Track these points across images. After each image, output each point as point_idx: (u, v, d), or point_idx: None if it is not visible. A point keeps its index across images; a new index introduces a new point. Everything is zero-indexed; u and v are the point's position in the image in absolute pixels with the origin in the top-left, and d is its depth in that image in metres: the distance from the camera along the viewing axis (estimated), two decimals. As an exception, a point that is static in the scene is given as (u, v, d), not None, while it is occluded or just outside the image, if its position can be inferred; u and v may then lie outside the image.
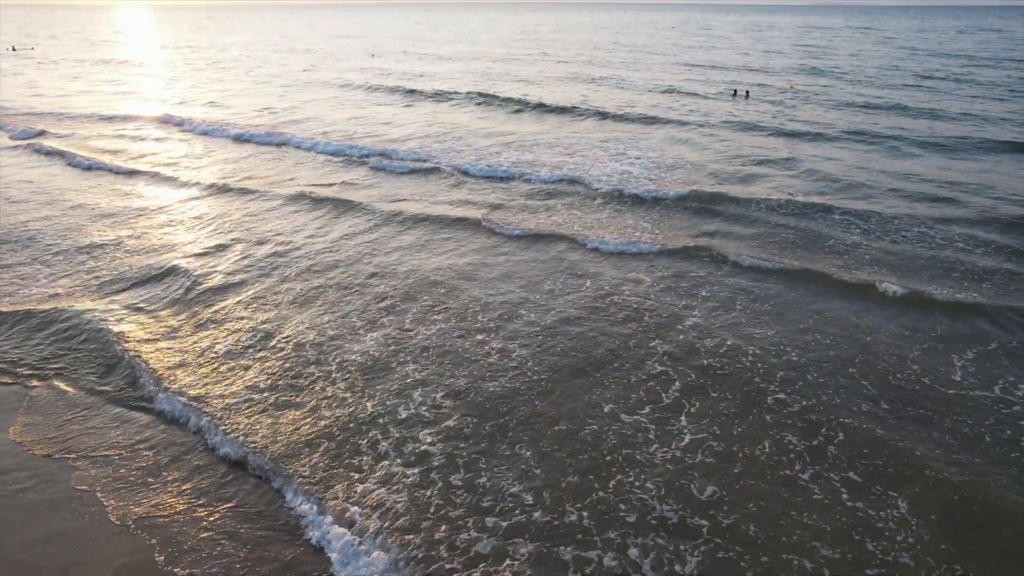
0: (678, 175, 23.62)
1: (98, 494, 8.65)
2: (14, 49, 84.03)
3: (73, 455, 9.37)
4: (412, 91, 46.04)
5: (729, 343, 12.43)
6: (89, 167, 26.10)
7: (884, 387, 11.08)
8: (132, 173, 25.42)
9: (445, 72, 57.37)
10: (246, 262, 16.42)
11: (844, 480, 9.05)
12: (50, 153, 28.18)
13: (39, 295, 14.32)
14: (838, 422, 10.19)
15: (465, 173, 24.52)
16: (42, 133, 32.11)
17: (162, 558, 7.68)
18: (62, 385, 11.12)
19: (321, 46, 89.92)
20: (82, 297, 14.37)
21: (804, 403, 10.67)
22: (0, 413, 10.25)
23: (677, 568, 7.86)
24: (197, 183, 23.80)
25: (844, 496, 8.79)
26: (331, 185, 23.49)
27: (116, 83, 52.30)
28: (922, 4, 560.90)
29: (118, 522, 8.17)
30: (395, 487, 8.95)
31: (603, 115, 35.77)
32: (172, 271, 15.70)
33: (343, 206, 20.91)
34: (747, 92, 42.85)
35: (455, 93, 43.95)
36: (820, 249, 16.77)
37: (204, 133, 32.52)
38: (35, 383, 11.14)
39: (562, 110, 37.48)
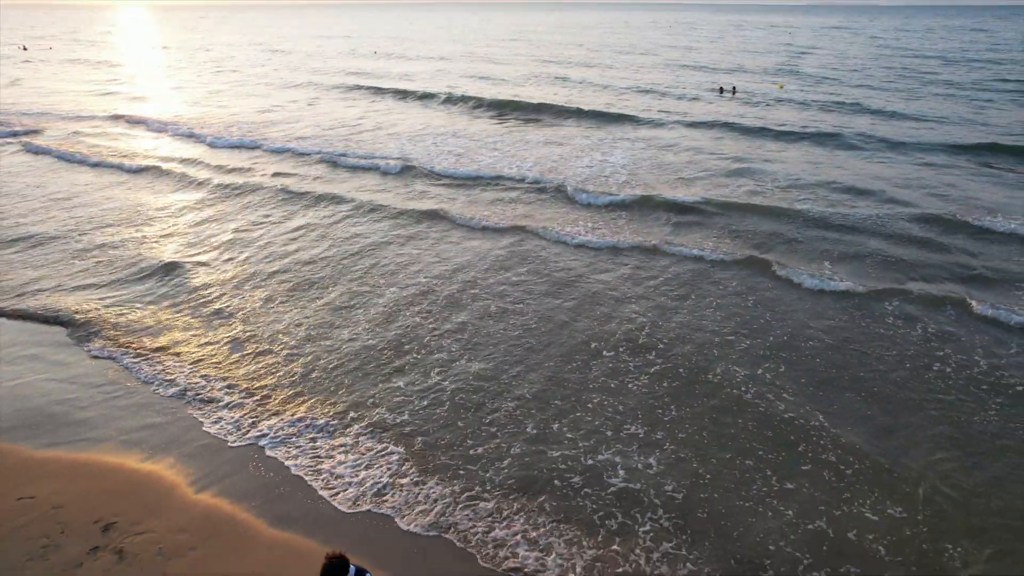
0: (650, 174, 24.54)
1: (172, 399, 10.63)
2: (24, 48, 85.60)
3: (135, 381, 11.32)
4: (395, 91, 46.74)
5: (692, 302, 14.54)
6: (67, 161, 27.52)
7: (811, 336, 13.11)
8: (115, 169, 26.54)
9: (431, 72, 58.23)
10: (223, 249, 17.69)
11: (779, 398, 11.03)
12: (34, 151, 29.41)
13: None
14: (780, 356, 12.24)
15: (441, 173, 25.18)
16: (31, 132, 33.14)
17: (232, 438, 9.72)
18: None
19: (313, 47, 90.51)
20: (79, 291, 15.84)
21: (749, 342, 12.74)
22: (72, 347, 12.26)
23: (640, 467, 9.76)
24: (177, 182, 24.70)
25: (780, 408, 10.75)
26: (303, 180, 24.57)
27: (95, 83, 52.69)
28: (920, 4, 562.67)
29: (201, 418, 10.17)
30: (405, 409, 10.88)
31: (586, 115, 36.75)
32: (160, 263, 16.73)
33: (311, 199, 22.10)
34: (733, 89, 44.82)
35: (438, 93, 44.49)
36: (769, 244, 17.86)
37: (182, 135, 32.98)
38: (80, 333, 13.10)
39: (543, 109, 38.40)
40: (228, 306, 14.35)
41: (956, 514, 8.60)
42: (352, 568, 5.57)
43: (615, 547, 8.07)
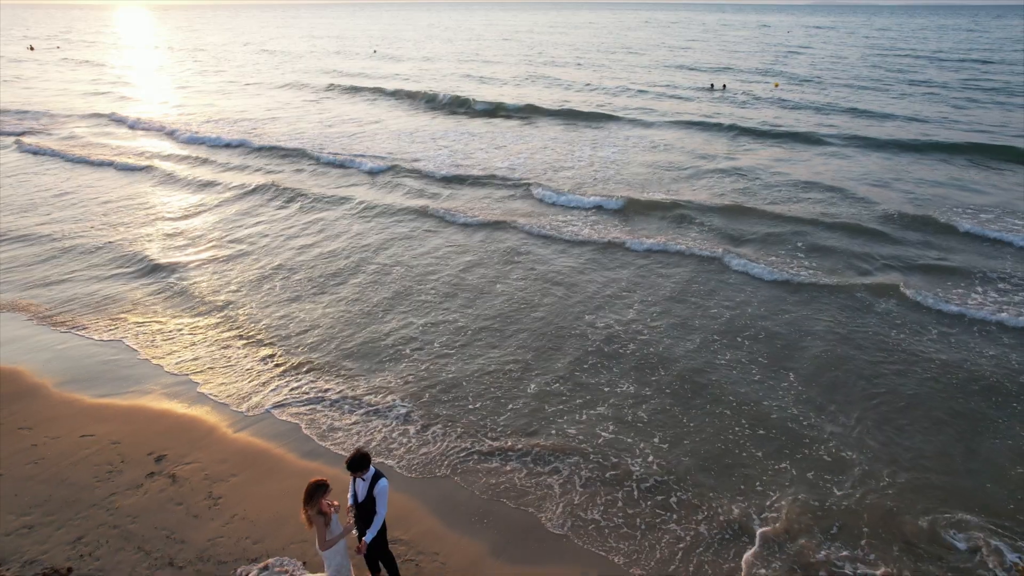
0: (636, 175, 25.09)
1: (201, 363, 11.85)
2: (32, 48, 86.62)
3: (165, 349, 12.54)
4: (392, 91, 47.13)
5: (671, 289, 15.78)
6: (62, 159, 28.37)
7: (774, 318, 14.37)
8: (108, 168, 27.34)
9: (428, 73, 58.75)
10: (223, 244, 18.56)
11: (754, 361, 12.25)
12: (29, 151, 30.14)
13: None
14: (750, 332, 13.49)
15: (433, 172, 25.73)
16: (26, 132, 33.76)
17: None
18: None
19: (312, 46, 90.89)
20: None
21: (723, 321, 14.00)
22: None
23: (630, 418, 10.92)
24: (174, 181, 25.39)
25: (753, 370, 11.95)
26: (298, 178, 25.35)
27: (91, 83, 53.35)
28: (918, 4, 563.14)
29: (230, 380, 11.39)
30: (410, 372, 12.07)
31: (577, 115, 37.31)
32: (165, 258, 17.95)
33: (307, 197, 22.83)
34: (723, 85, 46.03)
35: (432, 94, 44.50)
36: (744, 239, 18.69)
37: (177, 134, 33.48)
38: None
39: (534, 110, 38.93)
40: (235, 293, 15.46)
41: (891, 458, 9.86)
42: (372, 468, 6.77)
43: (609, 475, 9.26)
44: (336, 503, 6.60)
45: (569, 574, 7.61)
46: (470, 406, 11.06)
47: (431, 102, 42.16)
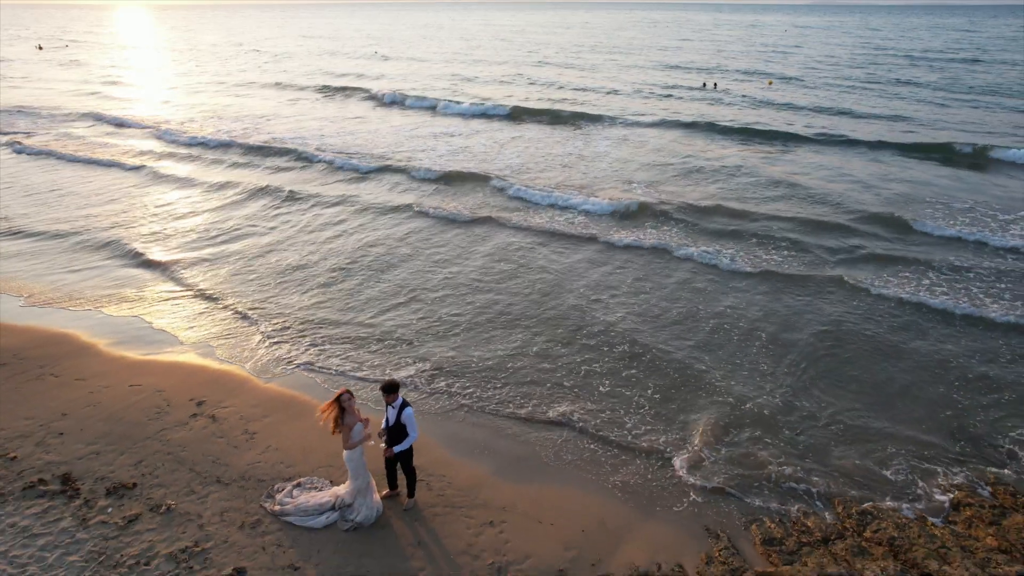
0: (624, 176, 25.61)
1: (210, 343, 13.07)
2: (40, 48, 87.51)
3: (199, 317, 13.76)
4: (386, 92, 46.98)
5: (646, 279, 17.05)
6: (57, 159, 29.16)
7: (720, 291, 15.60)
8: (92, 164, 28.33)
9: (424, 73, 59.33)
10: (224, 239, 19.38)
11: (735, 327, 13.54)
12: (22, 152, 30.84)
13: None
14: (719, 301, 14.75)
15: (425, 171, 26.23)
16: (20, 132, 34.29)
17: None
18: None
19: (301, 47, 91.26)
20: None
21: (701, 295, 15.24)
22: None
23: (625, 374, 12.09)
24: (170, 180, 26.06)
25: (734, 336, 13.23)
26: (290, 177, 26.37)
27: (85, 83, 54.01)
28: (916, 4, 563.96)
29: (258, 343, 12.62)
30: (419, 342, 13.31)
31: (564, 115, 38.07)
32: (167, 254, 19.25)
33: (301, 196, 23.67)
34: (715, 84, 47.33)
35: (427, 95, 44.98)
36: (708, 235, 19.52)
37: (170, 134, 33.96)
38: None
39: (530, 111, 39.47)
40: (235, 282, 16.64)
41: (832, 405, 11.16)
42: (400, 398, 8.04)
43: (601, 419, 10.52)
44: (368, 419, 8.01)
45: (559, 492, 8.86)
46: (474, 366, 12.28)
47: (424, 102, 42.87)
